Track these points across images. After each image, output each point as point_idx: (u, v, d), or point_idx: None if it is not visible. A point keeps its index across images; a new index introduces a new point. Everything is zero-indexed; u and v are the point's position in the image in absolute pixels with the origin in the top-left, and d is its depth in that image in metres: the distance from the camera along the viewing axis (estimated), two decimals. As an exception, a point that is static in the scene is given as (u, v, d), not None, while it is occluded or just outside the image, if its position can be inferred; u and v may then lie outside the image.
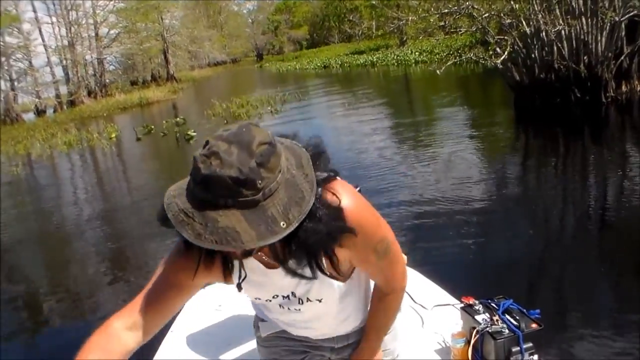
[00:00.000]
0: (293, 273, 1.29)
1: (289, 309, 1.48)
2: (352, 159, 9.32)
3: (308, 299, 1.43)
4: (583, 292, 4.01)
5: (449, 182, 7.17)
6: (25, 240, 8.16)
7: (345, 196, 1.26)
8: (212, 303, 2.85)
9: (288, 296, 1.43)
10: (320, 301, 1.44)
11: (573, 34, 10.31)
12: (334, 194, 1.24)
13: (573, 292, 4.06)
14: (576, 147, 8.75)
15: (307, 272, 1.30)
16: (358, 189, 2.79)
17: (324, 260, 1.30)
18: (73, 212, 9.51)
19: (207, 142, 1.07)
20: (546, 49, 10.74)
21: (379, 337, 1.61)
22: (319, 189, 1.20)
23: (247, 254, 1.25)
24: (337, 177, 1.30)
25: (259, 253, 1.30)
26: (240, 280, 1.36)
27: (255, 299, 1.51)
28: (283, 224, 1.06)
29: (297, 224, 1.08)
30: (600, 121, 9.82)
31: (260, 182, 1.04)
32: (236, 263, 1.36)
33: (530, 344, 1.81)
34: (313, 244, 1.18)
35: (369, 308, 1.60)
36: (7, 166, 15.69)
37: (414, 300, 2.22)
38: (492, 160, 8.33)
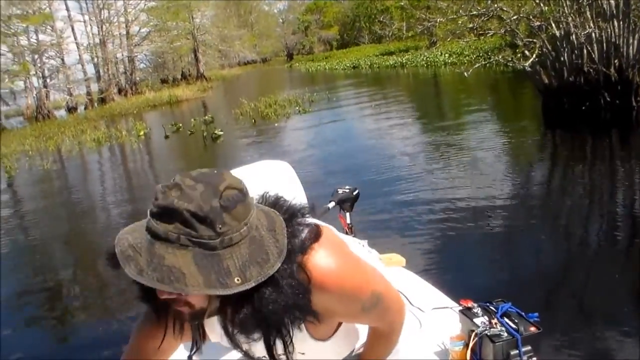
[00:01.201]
0: (242, 352, 1.14)
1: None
2: (374, 159, 9.31)
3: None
4: (581, 296, 3.99)
5: (466, 183, 7.11)
6: (46, 233, 8.29)
7: (324, 266, 1.11)
8: None
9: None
10: (303, 354, 1.29)
11: (604, 37, 10.12)
12: (311, 266, 1.09)
13: (571, 296, 4.02)
14: (604, 152, 8.59)
15: (259, 349, 1.13)
16: (356, 192, 2.79)
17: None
18: (96, 206, 9.68)
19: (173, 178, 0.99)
20: (576, 52, 10.55)
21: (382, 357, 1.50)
22: (297, 259, 1.07)
23: (195, 317, 1.06)
24: (318, 240, 1.13)
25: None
26: (192, 353, 1.23)
27: None
28: (237, 280, 0.94)
29: (253, 285, 0.96)
30: (630, 126, 9.63)
31: (220, 226, 0.94)
32: (212, 329, 1.22)
33: (529, 347, 1.79)
34: (267, 316, 1.02)
35: (365, 334, 1.46)
36: (38, 161, 16.00)
37: (411, 303, 2.20)
38: (516, 164, 8.21)
